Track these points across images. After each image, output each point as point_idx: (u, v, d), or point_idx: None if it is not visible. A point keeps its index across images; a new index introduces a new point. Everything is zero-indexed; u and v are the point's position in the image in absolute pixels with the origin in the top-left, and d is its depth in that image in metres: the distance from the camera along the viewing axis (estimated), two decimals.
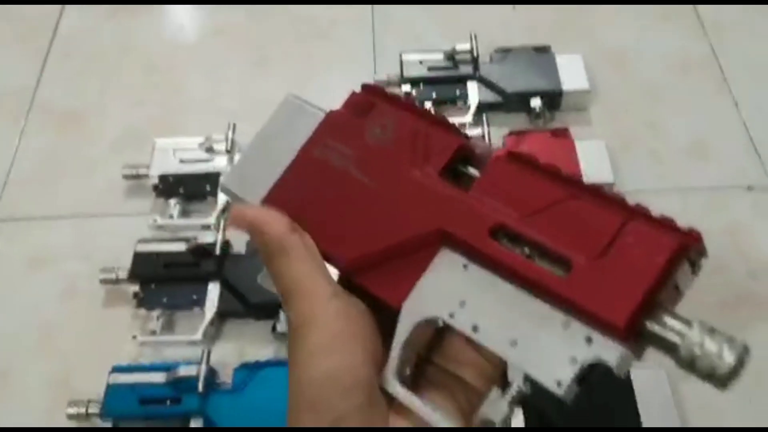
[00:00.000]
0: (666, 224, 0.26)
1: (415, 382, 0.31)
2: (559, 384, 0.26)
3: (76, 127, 0.88)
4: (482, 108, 0.84)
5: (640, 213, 0.27)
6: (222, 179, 0.36)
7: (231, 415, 0.63)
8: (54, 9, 1.00)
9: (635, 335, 0.25)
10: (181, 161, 0.79)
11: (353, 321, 0.29)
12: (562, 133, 0.81)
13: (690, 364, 0.24)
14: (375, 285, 0.30)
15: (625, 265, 0.25)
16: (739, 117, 0.86)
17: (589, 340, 0.26)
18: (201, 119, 0.87)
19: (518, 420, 0.60)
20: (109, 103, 0.91)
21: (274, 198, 0.33)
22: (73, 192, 0.82)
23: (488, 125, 0.82)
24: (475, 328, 0.28)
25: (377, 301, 0.30)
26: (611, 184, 0.77)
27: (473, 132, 0.81)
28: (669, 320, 0.25)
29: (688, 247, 0.26)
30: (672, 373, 0.63)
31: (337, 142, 0.33)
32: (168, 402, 0.64)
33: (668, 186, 0.81)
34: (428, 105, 0.84)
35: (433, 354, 0.32)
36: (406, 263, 0.30)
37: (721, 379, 0.24)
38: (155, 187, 0.79)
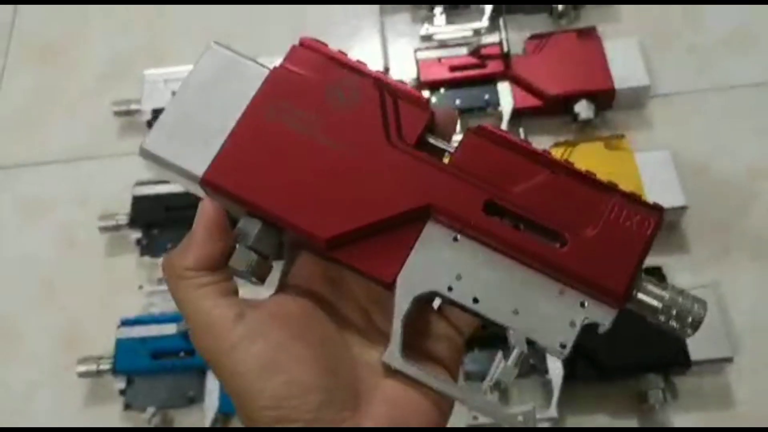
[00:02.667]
0: (640, 201, 0.29)
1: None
2: (563, 346, 0.28)
3: (59, 60, 0.82)
4: (499, 10, 0.76)
5: (617, 190, 0.29)
6: (143, 143, 0.30)
7: None
8: None
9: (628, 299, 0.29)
10: (174, 93, 0.73)
11: (271, 334, 0.28)
12: (589, 33, 0.73)
13: (666, 322, 0.29)
14: (361, 262, 0.29)
15: (616, 238, 0.29)
16: None
17: (582, 304, 0.28)
18: (190, 42, 0.80)
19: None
20: (92, 31, 0.83)
21: (221, 167, 0.29)
22: (62, 133, 0.77)
23: (506, 29, 0.74)
24: (475, 300, 0.29)
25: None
26: (647, 86, 0.70)
27: (490, 38, 0.73)
28: (650, 287, 0.29)
29: (662, 222, 0.29)
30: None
31: (293, 104, 0.30)
32: (182, 354, 0.61)
33: (708, 85, 0.73)
34: (438, 10, 0.76)
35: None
36: (391, 238, 0.29)
37: (692, 331, 0.29)
38: (149, 124, 0.73)
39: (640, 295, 0.29)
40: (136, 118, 0.74)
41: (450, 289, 0.29)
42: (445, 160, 0.30)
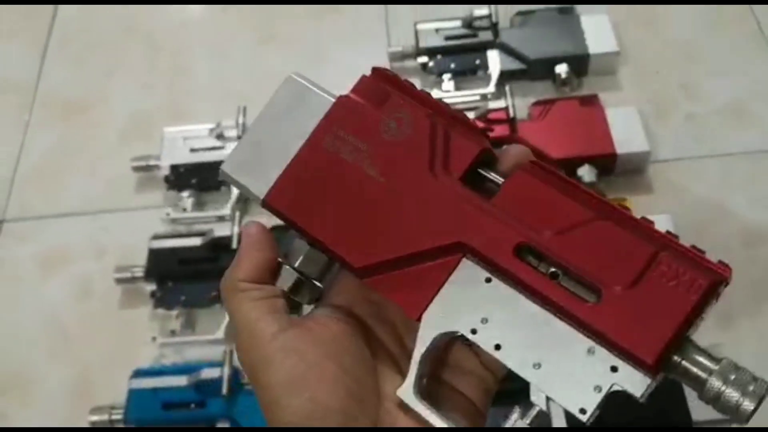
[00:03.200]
0: (697, 256, 0.26)
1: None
2: (582, 411, 0.26)
3: (81, 117, 0.85)
4: (504, 77, 0.80)
5: (670, 242, 0.26)
6: (222, 165, 0.33)
7: (259, 417, 0.61)
8: None
9: (663, 368, 0.25)
10: (192, 150, 0.76)
11: (307, 351, 0.29)
12: (591, 100, 0.77)
13: (714, 399, 0.25)
14: (390, 292, 0.29)
15: (657, 299, 0.25)
16: None
17: (614, 369, 0.26)
18: (209, 102, 0.84)
19: None
20: (113, 90, 0.87)
21: (281, 190, 0.31)
22: (81, 187, 0.79)
23: (512, 96, 0.77)
24: (498, 347, 0.27)
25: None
26: (647, 152, 0.73)
27: (496, 104, 0.77)
28: (697, 356, 0.25)
29: (719, 284, 0.25)
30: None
31: (350, 134, 0.31)
32: (192, 406, 0.62)
33: (706, 152, 0.76)
34: (447, 77, 0.80)
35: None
36: (424, 272, 0.28)
37: (741, 418, 0.25)
38: (166, 179, 0.76)
39: (684, 363, 0.25)
40: (154, 173, 0.77)
41: (474, 331, 0.27)
42: None
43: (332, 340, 0.29)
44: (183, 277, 0.69)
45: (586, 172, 0.72)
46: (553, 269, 0.27)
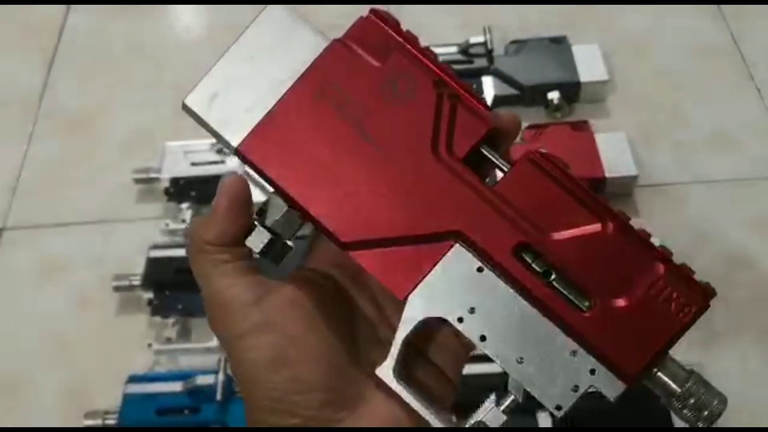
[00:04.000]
0: (689, 276, 0.26)
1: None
2: (558, 408, 0.26)
3: (84, 130, 0.87)
4: (498, 102, 0.82)
5: (665, 259, 0.26)
6: (186, 98, 0.29)
7: None
8: (59, 10, 0.98)
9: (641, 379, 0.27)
10: (192, 164, 0.78)
11: (286, 324, 0.27)
12: (582, 126, 0.79)
13: (680, 408, 0.27)
14: (376, 269, 0.27)
15: (647, 316, 0.26)
16: (762, 105, 0.84)
17: (593, 371, 0.26)
18: None
19: None
20: (117, 105, 0.89)
21: (259, 140, 0.27)
22: (83, 197, 0.81)
23: None
24: (483, 338, 0.27)
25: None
26: (634, 177, 0.75)
27: None
28: (673, 369, 0.27)
29: (707, 309, 0.26)
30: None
31: (344, 87, 0.27)
32: (186, 412, 0.63)
33: (692, 178, 0.78)
34: None
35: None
36: (414, 253, 0.27)
37: (704, 423, 0.27)
38: (166, 191, 0.77)
39: (660, 375, 0.27)
40: (154, 186, 0.78)
41: (460, 320, 0.27)
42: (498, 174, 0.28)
43: (311, 308, 0.28)
44: (180, 286, 0.70)
45: None
46: (548, 270, 0.27)
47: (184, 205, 0.76)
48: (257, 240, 0.28)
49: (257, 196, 0.29)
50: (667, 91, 0.86)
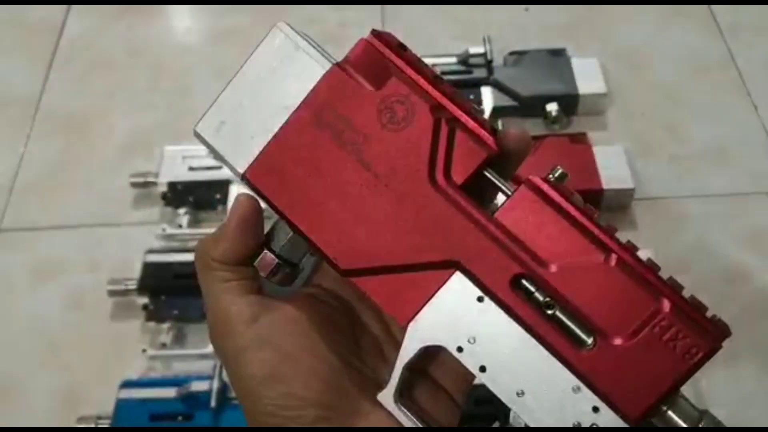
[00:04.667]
0: (698, 314, 0.25)
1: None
2: None
3: (82, 133, 0.86)
4: (497, 113, 0.83)
5: (674, 294, 0.25)
6: (197, 125, 0.29)
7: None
8: (58, 13, 0.98)
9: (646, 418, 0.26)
10: (190, 169, 0.78)
11: (282, 341, 0.28)
12: (580, 138, 0.79)
13: None
14: (377, 295, 0.27)
15: (652, 357, 0.25)
16: (758, 120, 0.84)
17: (596, 409, 0.26)
18: None
19: None
20: (115, 108, 0.89)
21: (263, 167, 0.28)
22: (79, 200, 0.80)
23: None
24: (482, 369, 0.26)
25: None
26: (632, 190, 0.75)
27: None
28: (684, 408, 0.26)
29: (716, 352, 0.25)
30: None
31: (342, 113, 0.27)
32: (180, 418, 0.62)
33: (688, 192, 0.79)
34: None
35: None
36: (414, 280, 0.27)
37: None
38: (164, 196, 0.77)
39: (670, 413, 0.26)
40: (151, 190, 0.78)
41: (460, 349, 0.27)
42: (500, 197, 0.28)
43: (310, 326, 0.29)
44: (175, 291, 0.70)
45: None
46: (550, 301, 0.26)
47: (181, 210, 0.76)
48: (264, 263, 0.29)
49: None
50: (665, 105, 0.86)
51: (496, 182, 0.27)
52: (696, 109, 0.85)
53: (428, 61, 0.89)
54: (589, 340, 0.26)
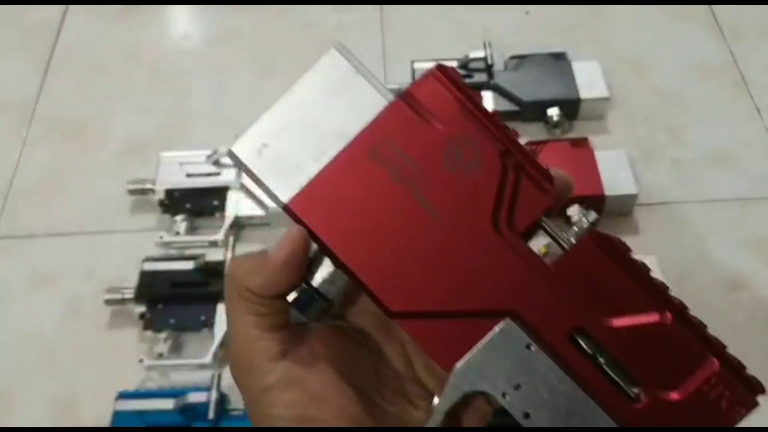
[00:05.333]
0: (740, 372, 0.26)
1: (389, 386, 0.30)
2: None
3: (79, 138, 0.86)
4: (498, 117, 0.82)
5: (719, 352, 0.26)
6: (234, 146, 0.28)
7: None
8: (55, 16, 0.97)
9: None
10: (188, 175, 0.77)
11: (309, 381, 0.27)
12: (582, 143, 0.78)
13: None
14: (423, 339, 0.27)
15: (698, 411, 0.25)
16: (762, 124, 0.84)
17: None
18: (207, 129, 0.85)
19: None
20: (112, 113, 0.88)
21: (309, 198, 0.26)
22: (76, 207, 0.80)
23: None
24: (526, 415, 0.26)
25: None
26: (634, 195, 0.74)
27: None
28: None
29: (757, 405, 0.26)
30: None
31: (403, 149, 0.27)
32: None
33: (692, 198, 0.78)
34: None
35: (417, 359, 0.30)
36: (463, 325, 0.26)
37: None
38: (161, 203, 0.76)
39: None
40: (148, 197, 0.77)
41: (504, 395, 0.26)
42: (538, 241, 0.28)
43: (336, 363, 0.28)
44: (173, 300, 0.69)
45: (575, 212, 0.73)
46: (599, 352, 0.26)
47: (179, 217, 0.75)
48: (299, 297, 0.28)
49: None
50: (667, 109, 0.85)
51: (552, 233, 0.27)
52: (699, 113, 0.85)
53: (427, 65, 0.88)
54: (640, 394, 0.26)
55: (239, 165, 0.28)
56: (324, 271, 0.28)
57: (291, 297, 0.28)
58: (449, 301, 0.26)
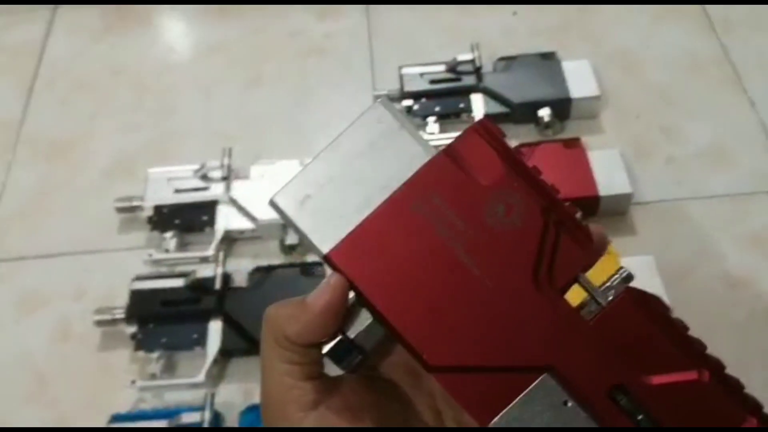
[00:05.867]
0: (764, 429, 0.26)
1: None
2: None
3: (65, 157, 0.85)
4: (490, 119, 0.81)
5: (756, 410, 0.26)
6: (276, 195, 0.28)
7: None
8: (38, 35, 0.97)
9: None
10: (176, 191, 0.76)
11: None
12: (574, 143, 0.77)
13: None
14: (460, 394, 0.26)
15: None
16: (756, 117, 0.83)
17: None
18: (195, 143, 0.84)
19: None
20: (99, 131, 0.87)
21: (350, 248, 0.27)
22: (64, 227, 0.78)
23: None
24: None
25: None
26: (629, 194, 0.73)
27: None
28: None
29: None
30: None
31: (446, 204, 0.27)
32: None
33: (688, 195, 0.77)
34: (431, 120, 0.81)
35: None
36: (502, 381, 0.26)
37: None
38: (150, 219, 0.75)
39: None
40: (137, 214, 0.76)
41: None
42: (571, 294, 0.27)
43: (366, 415, 0.28)
44: (164, 319, 0.68)
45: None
46: (637, 409, 0.26)
47: (168, 234, 0.74)
48: (335, 348, 0.28)
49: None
50: (660, 106, 0.84)
51: (589, 289, 0.27)
52: (692, 109, 0.84)
53: (417, 70, 0.87)
54: None
55: (281, 215, 0.28)
56: (361, 322, 0.28)
57: (326, 348, 0.28)
58: (488, 356, 0.26)
